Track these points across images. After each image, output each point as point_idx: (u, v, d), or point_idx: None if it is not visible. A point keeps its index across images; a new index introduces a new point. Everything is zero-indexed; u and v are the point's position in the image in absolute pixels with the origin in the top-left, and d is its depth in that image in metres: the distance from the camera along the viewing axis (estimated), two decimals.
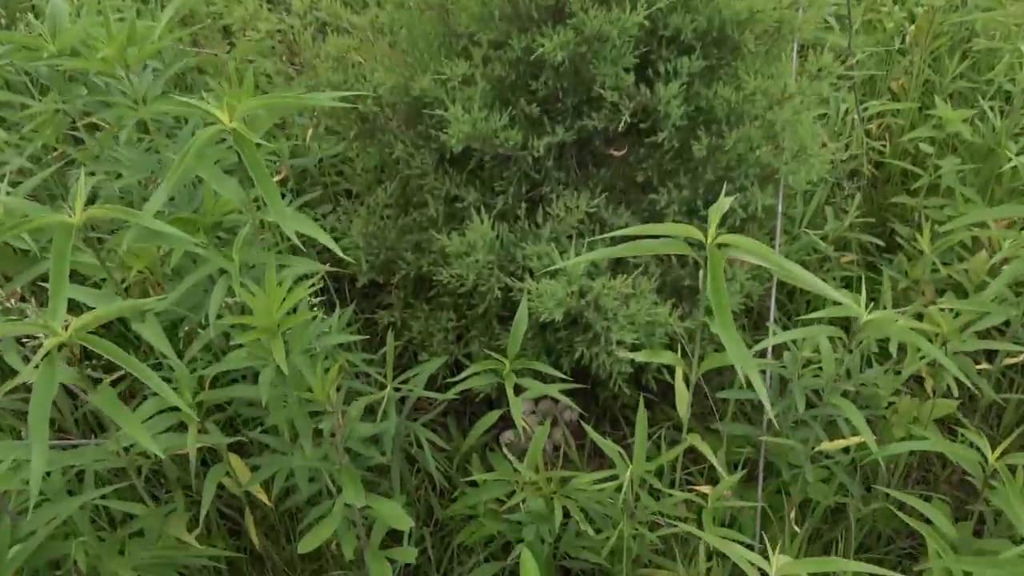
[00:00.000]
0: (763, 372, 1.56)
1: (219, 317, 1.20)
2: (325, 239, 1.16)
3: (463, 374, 1.46)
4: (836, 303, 1.19)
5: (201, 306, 1.28)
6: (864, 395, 1.64)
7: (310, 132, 2.18)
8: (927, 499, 1.59)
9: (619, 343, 1.49)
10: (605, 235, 1.17)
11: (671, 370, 1.91)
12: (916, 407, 1.66)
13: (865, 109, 1.93)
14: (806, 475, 1.48)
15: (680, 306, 1.74)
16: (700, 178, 1.76)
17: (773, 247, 1.79)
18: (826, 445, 1.41)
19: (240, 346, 1.19)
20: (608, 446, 1.39)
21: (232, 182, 1.20)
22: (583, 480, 1.35)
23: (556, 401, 2.15)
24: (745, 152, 1.66)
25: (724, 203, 1.14)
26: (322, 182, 2.25)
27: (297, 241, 1.09)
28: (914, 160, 2.20)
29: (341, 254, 1.16)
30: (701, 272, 1.24)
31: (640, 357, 1.28)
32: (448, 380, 2.15)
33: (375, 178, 1.99)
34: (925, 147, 2.03)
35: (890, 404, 1.67)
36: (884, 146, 2.04)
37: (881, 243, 1.93)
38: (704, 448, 1.33)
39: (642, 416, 1.38)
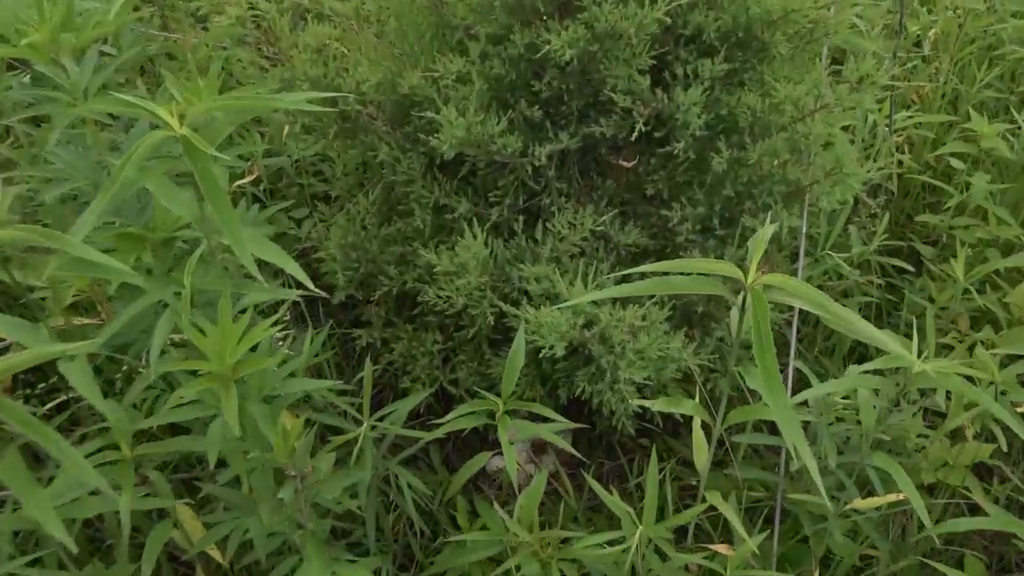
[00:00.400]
0: None
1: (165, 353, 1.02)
2: (293, 269, 0.98)
3: (450, 415, 1.29)
4: (887, 353, 1.02)
5: (150, 335, 1.09)
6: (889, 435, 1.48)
7: (286, 129, 1.99)
8: (960, 559, 1.43)
9: (628, 382, 1.32)
10: (626, 270, 0.99)
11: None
12: (947, 451, 1.51)
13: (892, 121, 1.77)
14: (833, 532, 1.32)
15: (692, 335, 1.57)
16: (717, 194, 1.59)
17: (795, 271, 1.62)
18: (860, 503, 1.25)
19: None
20: (614, 503, 1.21)
21: (185, 195, 1.01)
22: (583, 544, 1.18)
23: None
24: (770, 167, 1.49)
25: (766, 232, 0.97)
26: (299, 183, 2.06)
27: (254, 270, 0.90)
28: (935, 174, 2.04)
29: (312, 288, 0.98)
30: (732, 313, 1.06)
31: (658, 407, 1.11)
32: (432, 416, 1.97)
33: (356, 182, 1.81)
34: (956, 163, 1.87)
35: (919, 448, 1.52)
36: (907, 159, 1.88)
37: (911, 268, 1.78)
38: (726, 510, 1.16)
39: (653, 472, 1.21)
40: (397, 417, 1.47)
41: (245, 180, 1.84)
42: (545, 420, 1.34)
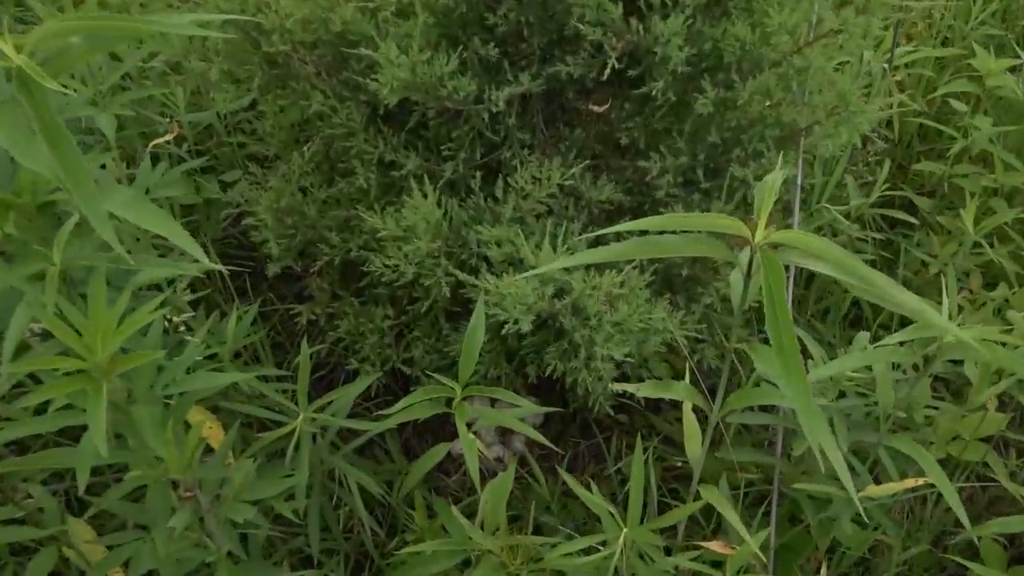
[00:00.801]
0: None
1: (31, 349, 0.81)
2: (179, 237, 0.77)
3: (400, 404, 1.09)
4: (921, 323, 0.84)
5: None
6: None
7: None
8: (971, 542, 1.28)
9: (606, 359, 1.14)
10: (600, 231, 0.80)
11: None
12: (959, 422, 1.35)
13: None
14: (842, 521, 1.16)
15: (675, 302, 1.39)
16: (701, 141, 1.40)
17: (790, 226, 1.44)
18: (873, 490, 1.09)
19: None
20: (595, 503, 1.03)
21: (46, 148, 0.79)
22: (559, 552, 1.00)
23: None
24: (762, 108, 1.30)
25: (775, 179, 0.78)
26: (229, 143, 1.83)
27: (112, 239, 0.69)
28: (931, 119, 1.87)
29: (206, 260, 0.77)
30: (732, 278, 0.88)
31: (643, 392, 0.93)
32: (387, 397, 1.78)
33: (291, 138, 1.59)
34: (958, 104, 1.69)
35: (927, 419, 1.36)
36: (906, 99, 1.70)
37: (912, 220, 1.61)
38: (725, 508, 0.99)
39: (638, 469, 1.03)
40: (341, 405, 1.28)
41: (164, 138, 1.61)
42: (511, 404, 1.15)
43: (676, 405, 1.90)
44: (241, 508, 0.88)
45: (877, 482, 1.14)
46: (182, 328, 1.16)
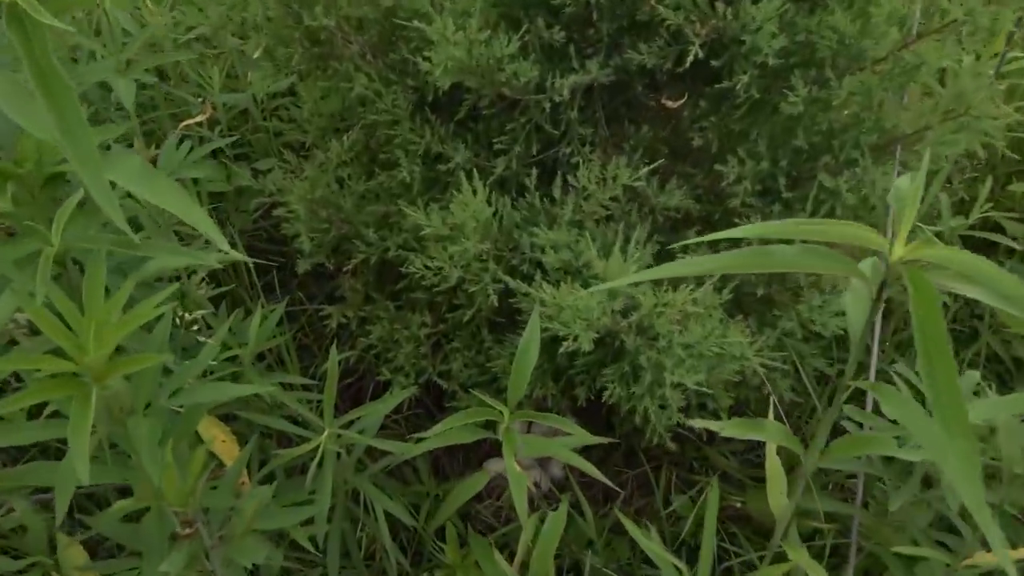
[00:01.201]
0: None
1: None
2: (198, 218, 0.64)
3: (437, 428, 0.96)
4: None
5: None
6: None
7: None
8: None
9: (675, 386, 0.99)
10: (673, 241, 0.66)
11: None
12: None
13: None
14: None
15: (747, 326, 1.24)
16: (785, 145, 1.25)
17: None
18: (983, 559, 0.93)
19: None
20: (659, 555, 0.89)
21: (40, 99, 0.67)
22: None
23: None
24: (860, 109, 1.15)
25: (916, 180, 0.63)
26: (265, 127, 1.71)
27: (115, 214, 0.57)
28: None
29: (226, 246, 0.64)
30: (848, 300, 0.73)
31: (729, 431, 0.78)
32: (420, 411, 1.65)
33: (330, 125, 1.46)
34: None
35: None
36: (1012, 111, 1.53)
37: (1015, 245, 1.44)
38: (816, 571, 0.83)
39: (712, 517, 0.88)
40: (371, 422, 1.15)
41: (196, 119, 1.49)
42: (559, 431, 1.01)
43: (731, 438, 1.75)
44: (250, 548, 0.75)
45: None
46: (197, 326, 1.03)
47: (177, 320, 1.00)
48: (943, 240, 1.38)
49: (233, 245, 1.63)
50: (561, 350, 0.97)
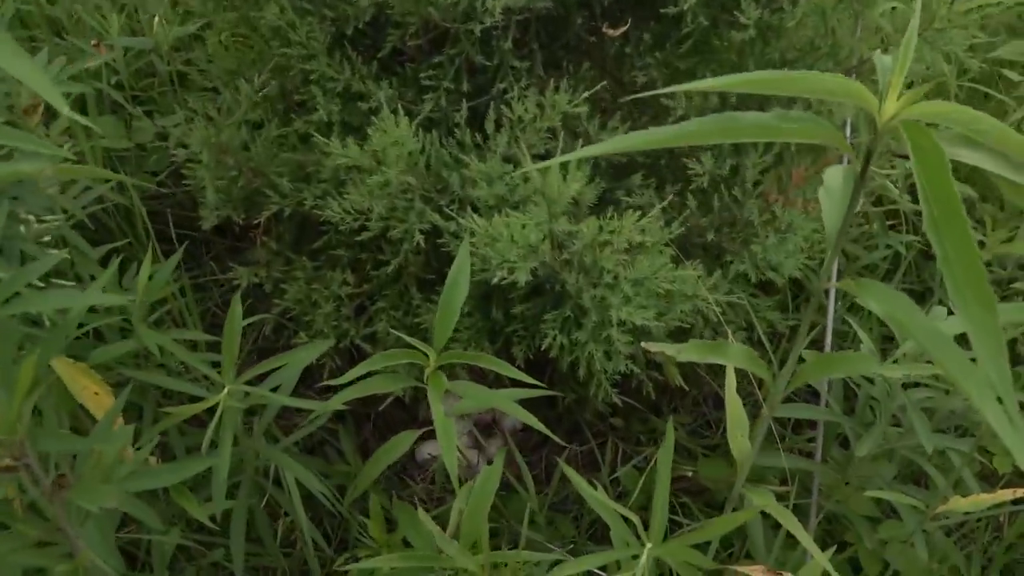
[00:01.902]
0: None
1: None
2: (35, 79, 0.50)
3: (355, 370, 0.83)
4: None
5: None
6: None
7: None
8: None
9: (622, 327, 0.88)
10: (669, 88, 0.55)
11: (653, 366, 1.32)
12: None
13: None
14: (917, 548, 0.91)
15: (705, 276, 1.15)
16: None
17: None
18: (959, 504, 0.84)
19: None
20: (607, 508, 0.78)
21: None
22: (564, 571, 0.74)
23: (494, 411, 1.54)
24: (815, 35, 1.07)
25: (907, 42, 0.53)
26: (171, 77, 1.55)
27: None
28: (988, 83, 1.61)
29: (66, 110, 0.51)
30: (827, 179, 0.64)
31: (687, 354, 0.67)
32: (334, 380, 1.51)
33: (238, 66, 1.32)
34: (1011, 74, 1.48)
35: None
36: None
37: (972, 193, 1.38)
38: (787, 519, 0.73)
39: (666, 463, 0.78)
40: (284, 380, 1.01)
41: (86, 64, 1.33)
42: (498, 382, 0.90)
43: (680, 407, 1.66)
44: (98, 492, 0.60)
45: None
46: (49, 237, 0.88)
47: (22, 228, 0.85)
48: (898, 186, 1.31)
49: (141, 217, 1.48)
50: (494, 280, 0.85)
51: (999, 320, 0.44)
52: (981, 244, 1.40)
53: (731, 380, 0.80)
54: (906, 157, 0.51)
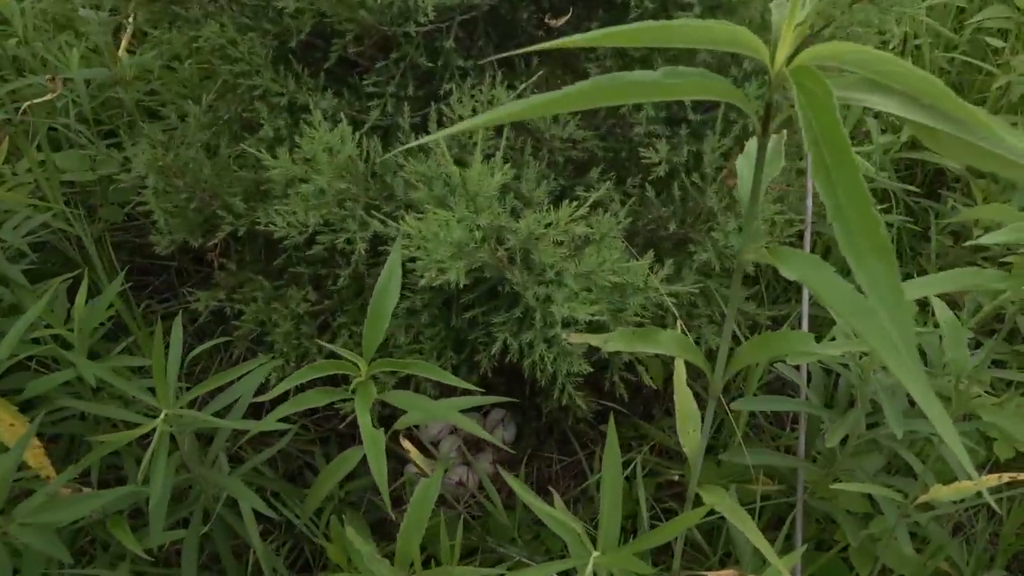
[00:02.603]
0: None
1: None
2: None
3: (282, 385, 0.79)
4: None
5: None
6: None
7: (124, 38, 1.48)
8: None
9: (567, 323, 0.84)
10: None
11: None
12: None
13: None
14: (900, 542, 0.85)
15: (661, 265, 1.10)
16: (689, 63, 1.12)
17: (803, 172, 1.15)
18: (942, 492, 0.78)
19: None
20: (550, 514, 0.73)
21: None
22: None
23: (485, 414, 1.50)
24: (764, 11, 1.02)
25: None
26: (134, 107, 1.54)
27: None
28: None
29: None
30: (740, 161, 0.59)
31: (614, 344, 0.62)
32: (262, 396, 1.47)
33: (187, 87, 1.30)
34: (994, 41, 1.42)
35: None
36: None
37: (955, 167, 1.31)
38: (738, 518, 0.68)
39: (613, 458, 0.73)
40: (238, 402, 0.98)
41: (41, 99, 1.32)
42: (451, 391, 0.85)
43: (671, 411, 1.60)
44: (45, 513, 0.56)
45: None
46: None
47: None
48: (873, 163, 1.25)
49: (99, 242, 1.47)
50: (423, 282, 0.81)
51: (898, 272, 0.39)
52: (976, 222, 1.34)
53: (680, 371, 0.75)
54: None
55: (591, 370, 0.92)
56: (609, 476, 0.72)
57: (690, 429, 0.73)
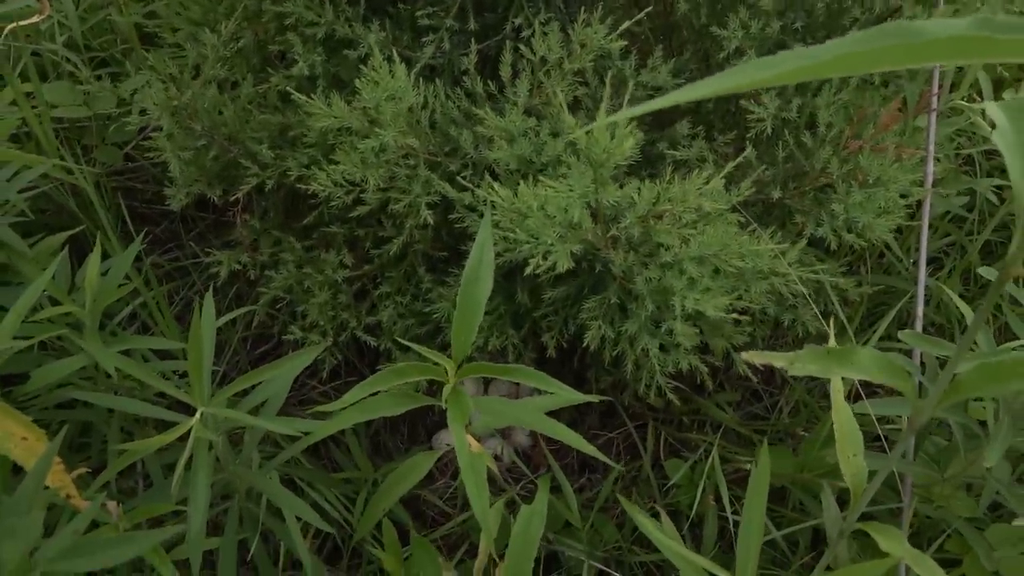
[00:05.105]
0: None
1: None
2: None
3: (352, 393, 0.65)
4: None
5: None
6: None
7: None
8: None
9: (687, 316, 0.70)
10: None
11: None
12: None
13: None
14: None
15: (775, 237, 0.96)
16: (794, 3, 0.96)
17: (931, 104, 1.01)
18: None
19: None
20: (665, 544, 0.60)
21: None
22: None
23: (517, 384, 1.37)
24: None
25: None
26: (132, 31, 1.35)
27: None
28: None
29: None
30: (993, 109, 0.45)
31: (802, 367, 0.48)
32: (352, 376, 1.33)
33: (205, 15, 1.12)
34: None
35: None
36: None
37: None
38: (921, 566, 0.56)
39: (756, 528, 0.60)
40: (272, 394, 0.84)
41: (27, 20, 1.13)
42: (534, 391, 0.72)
43: (725, 384, 1.48)
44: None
45: None
46: None
47: None
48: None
49: (97, 188, 1.30)
50: (528, 271, 0.67)
51: None
52: None
53: (837, 386, 0.62)
54: None
55: (704, 368, 0.79)
56: (751, 520, 0.60)
57: (851, 453, 0.61)
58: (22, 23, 1.16)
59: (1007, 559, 0.85)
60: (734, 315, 0.87)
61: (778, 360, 0.50)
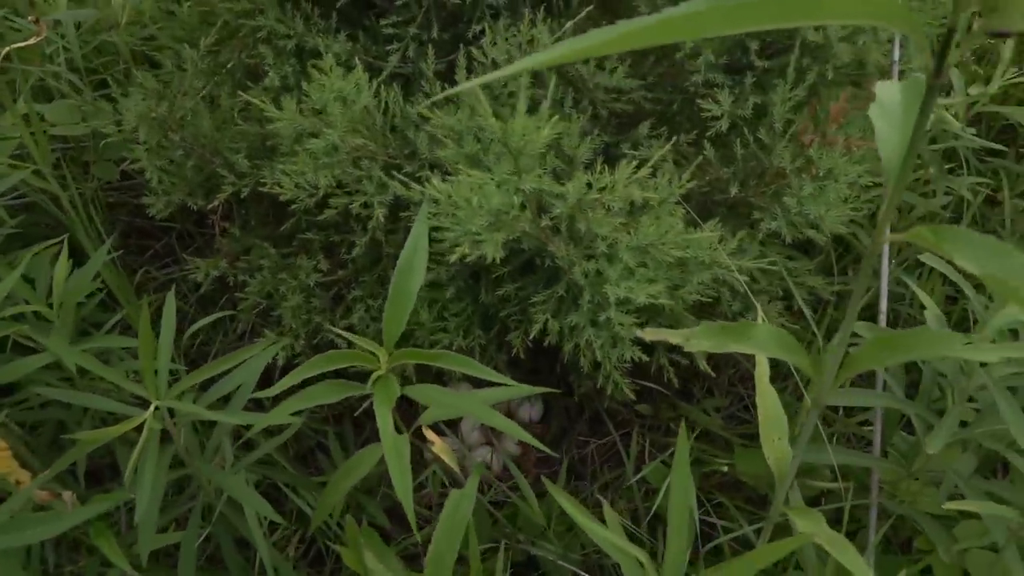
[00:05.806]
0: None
1: None
2: None
3: (287, 378, 0.67)
4: None
5: None
6: None
7: None
8: None
9: (622, 305, 0.71)
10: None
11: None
12: None
13: None
14: (1008, 562, 0.73)
15: (726, 240, 0.96)
16: None
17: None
18: None
19: None
20: (613, 545, 0.61)
21: None
22: None
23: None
24: None
25: None
26: (130, 53, 1.41)
27: None
28: None
29: None
30: (875, 111, 0.45)
31: (697, 342, 0.49)
32: (263, 392, 1.35)
33: (186, 32, 1.17)
34: None
35: None
36: None
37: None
38: (846, 555, 0.55)
39: (682, 506, 0.60)
40: (241, 387, 0.86)
41: (22, 44, 1.19)
42: (482, 381, 0.73)
43: (715, 389, 1.47)
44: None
45: None
46: None
47: None
48: (956, 117, 1.10)
49: (91, 202, 1.34)
50: (453, 258, 0.68)
51: None
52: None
53: (762, 369, 0.62)
54: (1004, 35, 0.33)
55: (645, 358, 0.80)
56: (677, 500, 0.60)
57: (775, 437, 0.61)
58: (18, 45, 1.22)
59: (973, 554, 0.84)
60: (686, 311, 0.87)
61: (674, 337, 0.50)
